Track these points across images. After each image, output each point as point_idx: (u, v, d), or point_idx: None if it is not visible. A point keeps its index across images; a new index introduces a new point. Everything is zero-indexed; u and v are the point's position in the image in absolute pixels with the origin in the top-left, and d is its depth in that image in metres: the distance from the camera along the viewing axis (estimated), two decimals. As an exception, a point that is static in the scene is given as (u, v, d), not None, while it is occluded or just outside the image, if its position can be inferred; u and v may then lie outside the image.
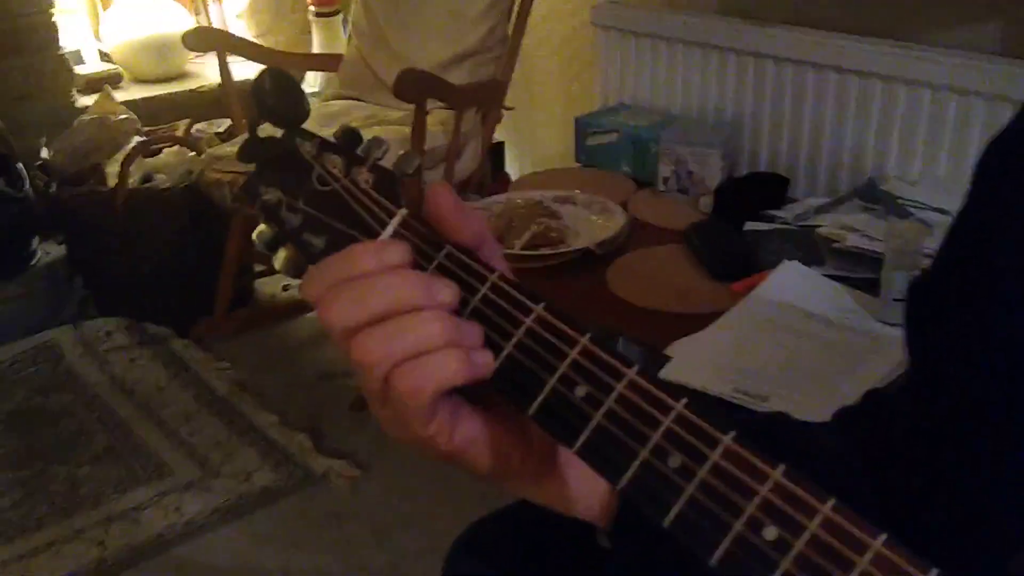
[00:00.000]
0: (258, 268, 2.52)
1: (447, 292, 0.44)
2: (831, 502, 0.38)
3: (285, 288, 2.55)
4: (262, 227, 0.53)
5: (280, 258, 0.52)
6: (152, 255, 2.31)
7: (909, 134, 1.76)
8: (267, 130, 0.55)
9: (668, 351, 1.41)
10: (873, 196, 1.72)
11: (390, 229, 0.48)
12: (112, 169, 2.30)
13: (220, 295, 2.34)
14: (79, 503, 1.82)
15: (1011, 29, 1.64)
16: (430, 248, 0.47)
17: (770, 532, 0.38)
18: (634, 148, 2.07)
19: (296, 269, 0.52)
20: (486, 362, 0.44)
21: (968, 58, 1.65)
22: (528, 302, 0.45)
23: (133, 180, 2.27)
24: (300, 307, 2.41)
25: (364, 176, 0.51)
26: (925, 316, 0.54)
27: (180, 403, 2.10)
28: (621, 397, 0.42)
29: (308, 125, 0.55)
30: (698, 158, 1.91)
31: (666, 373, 1.38)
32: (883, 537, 0.37)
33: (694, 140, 1.93)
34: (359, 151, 0.52)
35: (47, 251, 2.45)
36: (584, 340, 0.43)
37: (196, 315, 2.36)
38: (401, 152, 0.52)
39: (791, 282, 1.53)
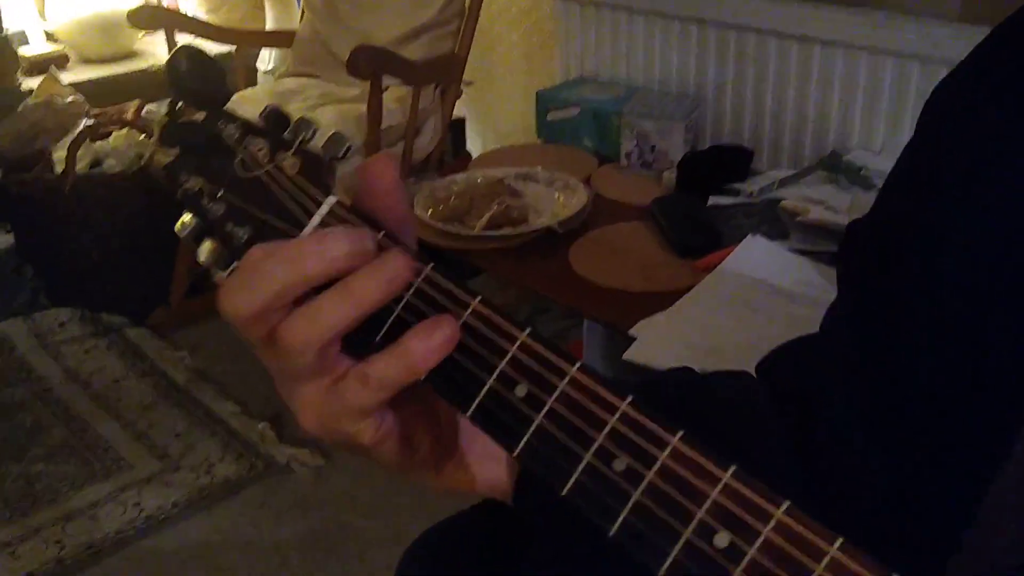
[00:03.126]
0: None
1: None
2: (785, 505, 0.36)
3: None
4: (185, 217, 0.50)
5: (204, 250, 0.49)
6: (104, 242, 2.24)
7: (872, 103, 1.74)
8: (191, 113, 0.51)
9: (633, 331, 1.39)
10: (837, 167, 1.70)
11: (316, 219, 0.46)
12: (60, 154, 2.22)
13: (176, 281, 2.28)
14: (35, 501, 1.77)
15: (973, -5, 1.62)
16: None
17: (721, 539, 0.37)
18: (596, 122, 2.03)
19: (222, 262, 0.49)
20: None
21: (930, 25, 1.63)
22: (464, 295, 0.43)
23: (82, 165, 2.19)
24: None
25: (290, 161, 0.48)
26: (859, 257, 0.54)
27: (137, 394, 2.05)
28: (563, 396, 0.40)
29: (260, 104, 0.52)
30: (661, 131, 1.87)
31: (631, 354, 1.35)
32: (839, 542, 0.35)
33: (657, 113, 1.89)
34: (286, 134, 0.49)
35: (-6, 241, 2.38)
36: (524, 336, 0.42)
37: (152, 303, 2.30)
38: (332, 132, 0.49)
39: (756, 257, 1.51)
